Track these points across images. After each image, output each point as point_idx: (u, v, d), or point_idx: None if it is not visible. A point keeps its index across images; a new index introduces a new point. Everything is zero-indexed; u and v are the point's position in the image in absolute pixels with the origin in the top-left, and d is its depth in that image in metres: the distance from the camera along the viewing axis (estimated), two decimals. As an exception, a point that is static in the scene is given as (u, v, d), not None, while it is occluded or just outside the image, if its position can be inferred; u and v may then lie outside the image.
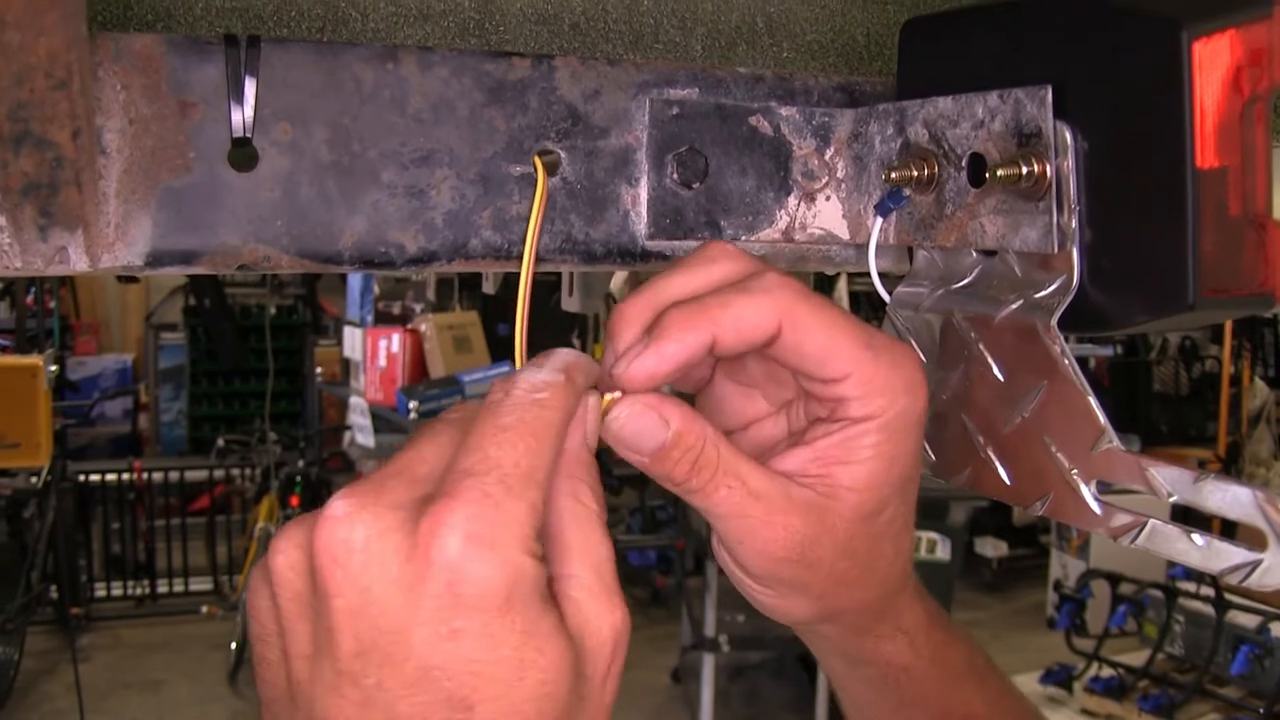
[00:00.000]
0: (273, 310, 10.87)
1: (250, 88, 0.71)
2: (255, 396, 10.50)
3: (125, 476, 8.63)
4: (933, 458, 0.79)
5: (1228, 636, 5.70)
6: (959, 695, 0.85)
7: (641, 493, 9.34)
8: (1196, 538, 0.62)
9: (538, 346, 0.66)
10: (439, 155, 0.75)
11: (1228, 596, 5.78)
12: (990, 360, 0.73)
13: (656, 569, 8.56)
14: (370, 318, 7.98)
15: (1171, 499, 0.63)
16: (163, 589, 8.61)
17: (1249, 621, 5.70)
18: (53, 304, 10.29)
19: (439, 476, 0.58)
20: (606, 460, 9.28)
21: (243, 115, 0.71)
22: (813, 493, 0.69)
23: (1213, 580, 5.95)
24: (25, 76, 0.62)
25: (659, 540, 8.58)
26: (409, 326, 7.57)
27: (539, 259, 0.78)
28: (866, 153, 0.82)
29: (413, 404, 6.71)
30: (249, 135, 0.71)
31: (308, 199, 0.73)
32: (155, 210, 0.70)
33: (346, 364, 8.09)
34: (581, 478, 0.62)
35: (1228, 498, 0.61)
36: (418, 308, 7.97)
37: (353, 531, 0.55)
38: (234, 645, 7.19)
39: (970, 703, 0.86)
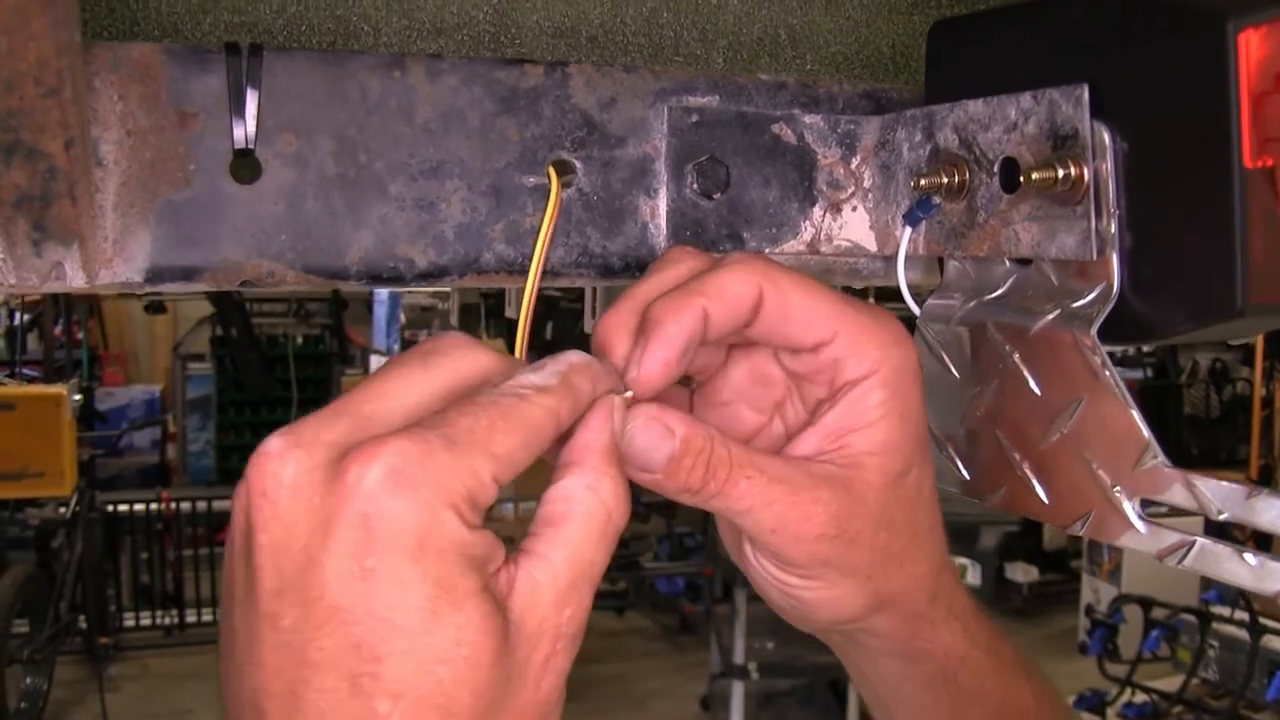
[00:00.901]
0: (299, 340, 10.88)
1: (252, 98, 0.68)
2: (282, 425, 10.50)
3: (153, 506, 8.63)
4: (966, 476, 0.76)
5: (1263, 661, 5.62)
6: (1013, 688, 0.82)
7: (669, 520, 9.30)
8: (1249, 557, 0.59)
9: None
10: (449, 166, 0.73)
11: (1263, 621, 5.70)
12: (1026, 373, 0.70)
13: (685, 596, 8.51)
14: (397, 346, 7.97)
15: (1221, 516, 0.59)
16: (191, 619, 8.59)
17: (1284, 646, 5.63)
18: (81, 335, 10.33)
19: (388, 420, 0.55)
20: (634, 487, 9.22)
21: (245, 126, 0.68)
22: (833, 466, 0.67)
23: (1247, 604, 5.88)
24: (14, 83, 0.59)
25: (687, 567, 8.54)
26: (435, 354, 7.56)
27: (554, 274, 0.75)
28: (894, 161, 0.79)
29: (439, 432, 6.69)
30: (251, 147, 0.68)
31: (313, 212, 0.70)
32: (155, 224, 0.68)
33: (373, 392, 8.09)
34: (607, 474, 0.59)
35: (1283, 514, 0.58)
36: (444, 336, 7.95)
37: (283, 467, 0.53)
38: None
39: (1023, 696, 0.83)
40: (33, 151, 0.62)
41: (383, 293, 8.17)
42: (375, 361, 7.93)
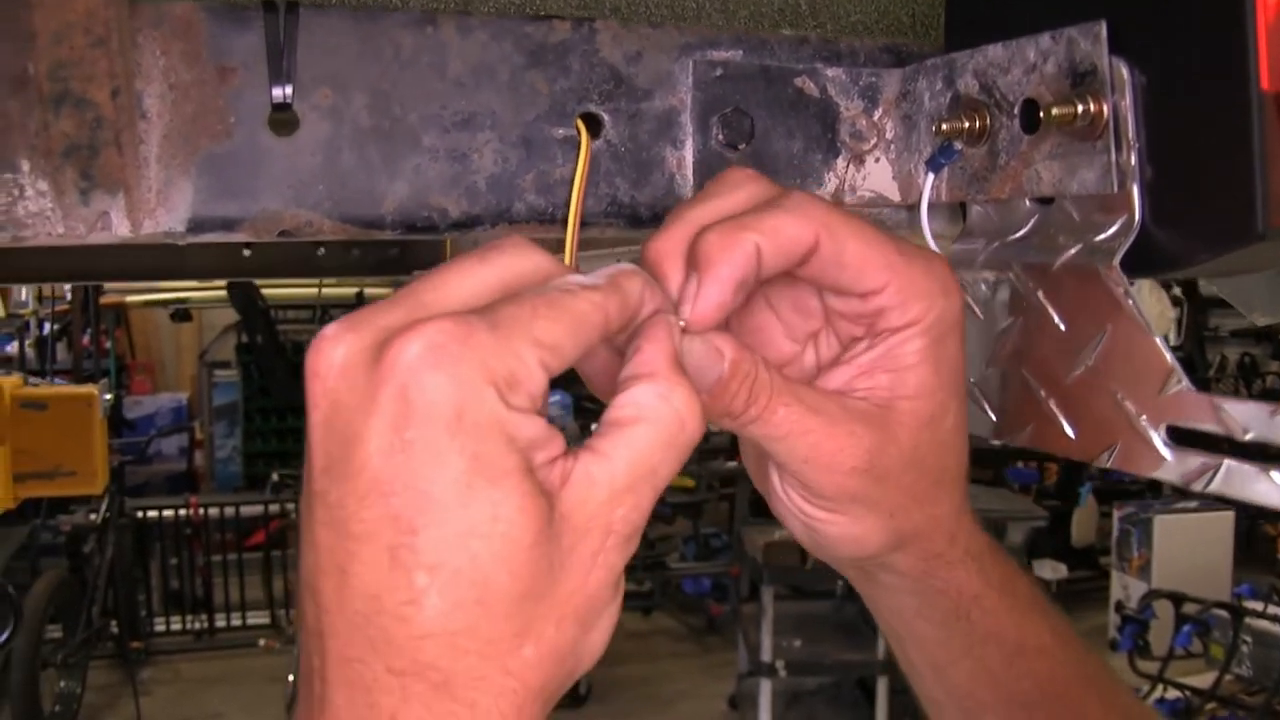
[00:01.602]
0: (325, 346, 10.90)
1: (289, 54, 0.70)
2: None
3: (182, 512, 8.68)
4: (993, 418, 0.77)
5: (1298, 656, 5.59)
6: (1030, 627, 0.83)
7: (695, 521, 9.30)
8: (1276, 475, 0.60)
9: None
10: (480, 119, 0.74)
11: (1297, 614, 5.67)
12: (1050, 310, 0.71)
13: (711, 597, 8.51)
14: (421, 350, 7.98)
15: (1248, 436, 0.60)
16: (220, 623, 8.64)
17: (1319, 640, 5.59)
18: (108, 344, 10.39)
19: (441, 308, 0.56)
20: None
21: (282, 81, 0.70)
22: (869, 404, 0.68)
23: (1280, 599, 5.85)
24: (64, 34, 0.61)
25: (713, 568, 8.54)
26: (460, 357, 7.57)
27: (584, 224, 0.76)
28: (916, 111, 0.80)
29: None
30: (289, 101, 0.70)
31: (349, 164, 0.72)
32: (196, 176, 0.69)
33: (399, 397, 8.10)
34: (680, 384, 0.58)
35: (1309, 429, 0.59)
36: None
37: (334, 349, 0.54)
38: (291, 677, 7.18)
39: (1041, 635, 0.83)
40: (81, 101, 0.64)
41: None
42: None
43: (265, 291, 9.65)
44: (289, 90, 0.70)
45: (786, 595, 6.80)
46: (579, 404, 8.43)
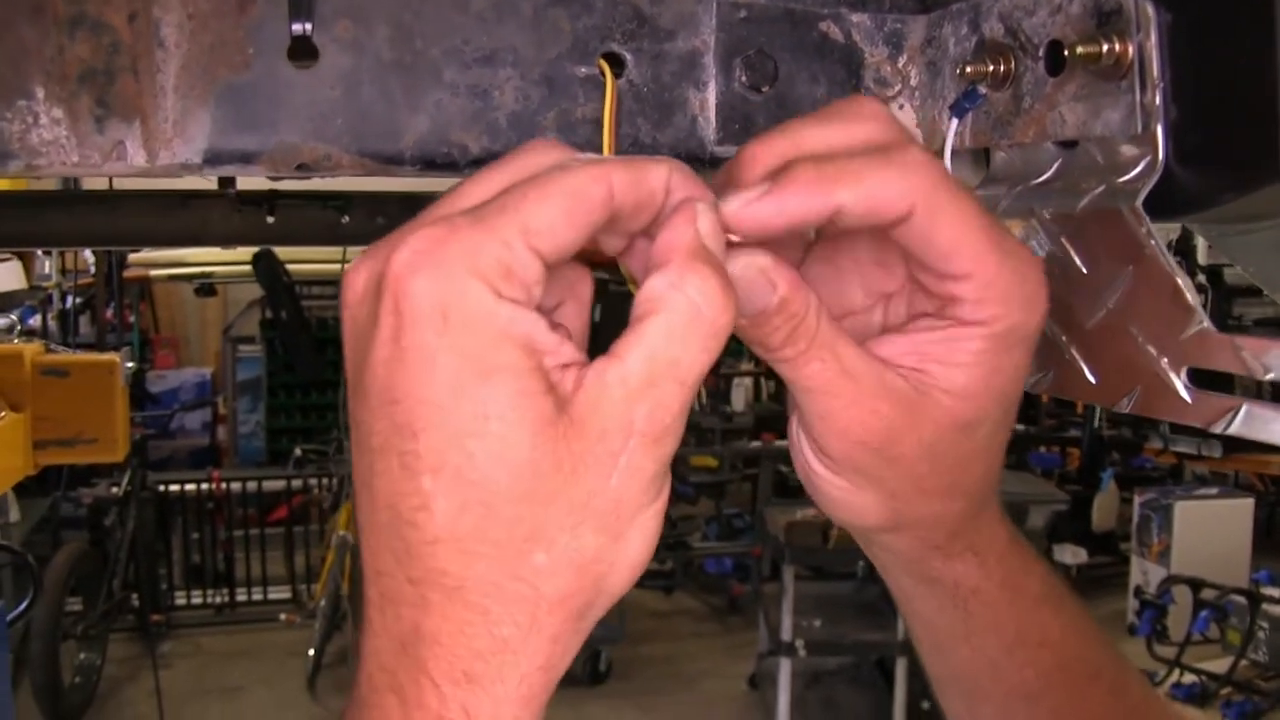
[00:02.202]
0: (348, 323, 10.93)
1: (310, -16, 0.70)
2: (332, 408, 10.56)
3: (204, 487, 8.72)
4: (1013, 366, 0.76)
5: (1314, 643, 5.57)
6: (1033, 620, 0.81)
7: (718, 502, 9.31)
8: (1296, 415, 0.59)
9: (613, 332, 0.58)
10: (502, 55, 0.74)
11: (1314, 602, 5.65)
12: (1073, 253, 0.70)
13: (733, 576, 8.52)
14: (444, 327, 7.98)
15: (1269, 376, 0.60)
16: (242, 597, 8.68)
17: (1335, 627, 5.57)
18: (132, 318, 10.43)
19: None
20: (682, 469, 9.27)
21: (303, 13, 0.70)
22: (907, 384, 0.65)
23: (1299, 586, 5.83)
24: (81, -44, 0.61)
25: (735, 548, 8.55)
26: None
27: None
28: (940, 56, 0.80)
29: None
30: (309, 32, 0.70)
31: (369, 97, 0.72)
32: (214, 107, 0.69)
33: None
34: (693, 269, 0.55)
35: (1331, 366, 0.58)
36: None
37: (356, 276, 0.55)
38: (311, 652, 7.22)
39: (1046, 628, 0.81)
40: (97, 24, 0.63)
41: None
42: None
43: (290, 266, 9.68)
44: (310, 21, 0.70)
45: (808, 575, 6.80)
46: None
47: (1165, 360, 0.65)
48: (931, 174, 0.61)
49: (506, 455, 0.52)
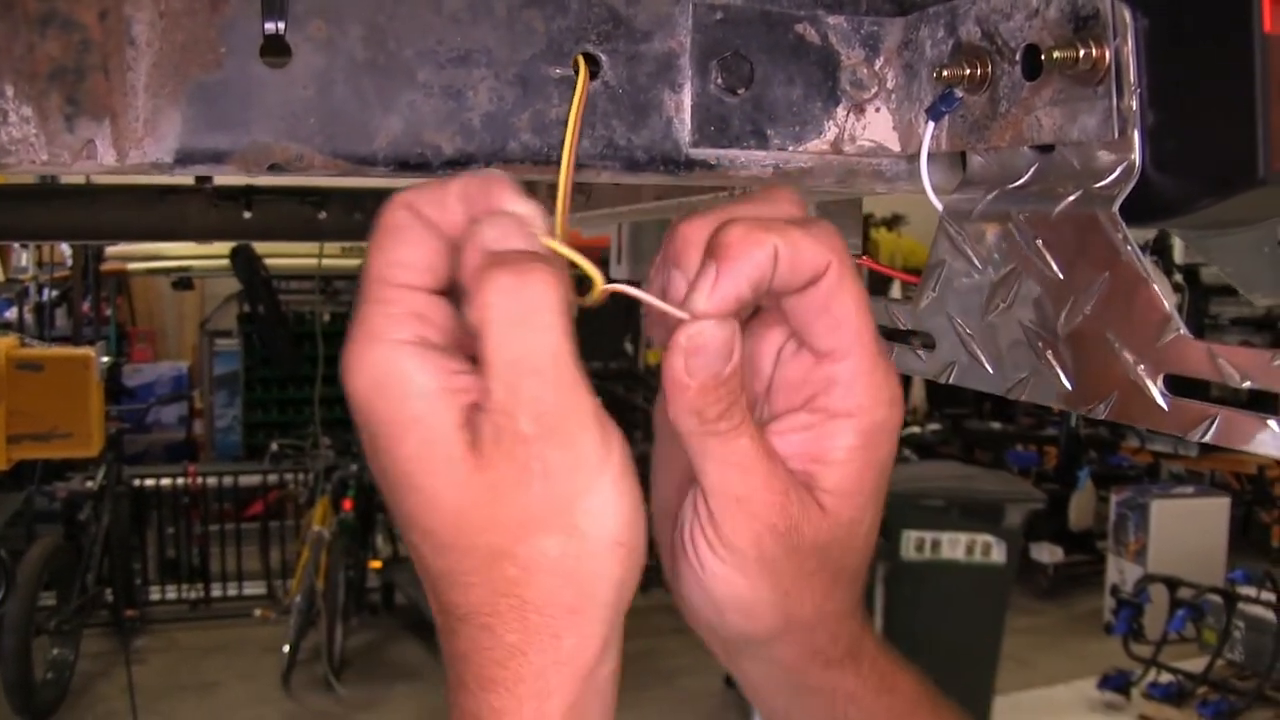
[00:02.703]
0: (327, 317, 10.91)
1: (283, -17, 0.69)
2: (309, 402, 10.56)
3: (180, 481, 8.70)
4: (990, 371, 0.76)
5: (1289, 642, 5.59)
6: None
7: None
8: (1274, 424, 0.59)
9: (589, 351, 0.61)
10: (476, 56, 0.73)
11: (1289, 601, 5.68)
12: (1049, 258, 0.70)
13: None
14: (422, 323, 7.95)
15: (1246, 384, 0.59)
16: (216, 593, 8.66)
17: (1310, 626, 5.60)
18: (109, 312, 10.39)
19: None
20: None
21: (275, 12, 0.69)
22: (798, 480, 0.68)
23: (1274, 584, 5.85)
24: (51, -47, 0.60)
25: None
26: (461, 330, 7.54)
27: (580, 165, 0.75)
28: (917, 60, 0.79)
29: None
30: (282, 31, 0.69)
31: (342, 97, 0.71)
32: (185, 106, 0.68)
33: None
34: (487, 284, 0.59)
35: (1308, 375, 0.58)
36: (469, 312, 7.92)
37: None
38: (286, 648, 7.20)
39: None
40: (68, 22, 0.63)
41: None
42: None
43: (268, 261, 9.65)
44: (283, 20, 0.69)
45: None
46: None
47: (1142, 367, 0.65)
48: (843, 245, 0.66)
49: (436, 502, 0.60)
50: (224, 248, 9.06)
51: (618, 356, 9.81)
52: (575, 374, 0.60)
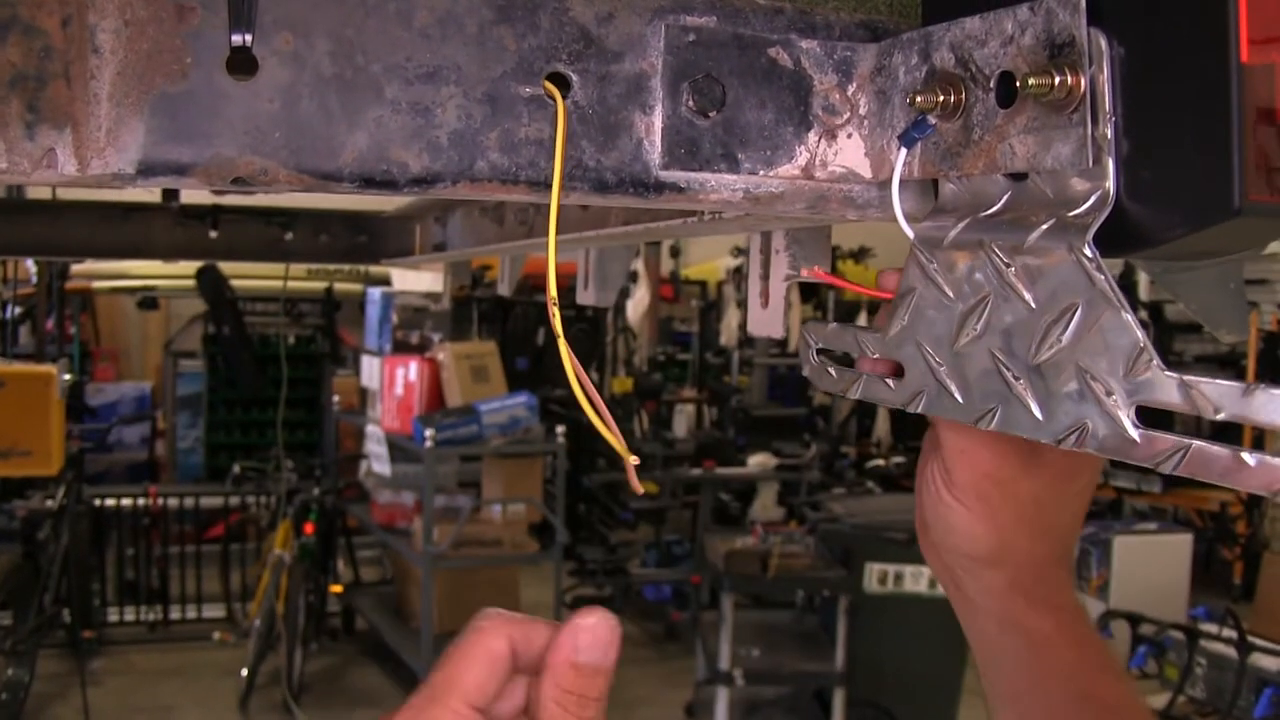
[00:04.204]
0: (291, 339, 10.87)
1: (251, -6, 0.68)
2: (273, 425, 10.51)
3: (141, 502, 8.61)
4: (960, 400, 0.75)
5: (1250, 679, 5.60)
6: (1100, 680, 0.93)
7: (658, 528, 9.29)
8: (1245, 456, 0.58)
9: (556, 379, 0.64)
10: (445, 72, 0.72)
11: (1251, 638, 5.69)
12: (1021, 287, 0.70)
13: (672, 604, 8.49)
14: (388, 347, 7.93)
15: (1219, 415, 0.59)
16: (175, 615, 8.57)
17: (1272, 664, 5.61)
18: (73, 330, 10.31)
19: None
20: (622, 495, 9.25)
21: (243, 23, 0.68)
22: (1026, 444, 0.82)
23: (1235, 622, 5.87)
24: (12, -43, 0.59)
25: (674, 575, 8.53)
26: (426, 356, 7.53)
27: (547, 186, 0.75)
28: (890, 86, 0.79)
29: (429, 432, 6.68)
30: (249, 44, 0.68)
31: (308, 111, 0.70)
32: (149, 116, 0.67)
33: (364, 393, 8.06)
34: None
35: (1281, 406, 0.57)
36: (436, 337, 7.92)
37: None
38: (245, 672, 7.13)
39: (1106, 693, 0.93)
40: (29, 28, 0.61)
41: (375, 293, 8.15)
42: (367, 362, 7.91)
43: (235, 282, 9.61)
44: (250, 32, 0.68)
45: (746, 604, 6.79)
46: (545, 406, 8.38)
47: (1113, 398, 0.64)
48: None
49: None
50: (190, 267, 9.03)
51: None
52: None
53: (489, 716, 0.70)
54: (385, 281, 8.77)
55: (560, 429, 7.23)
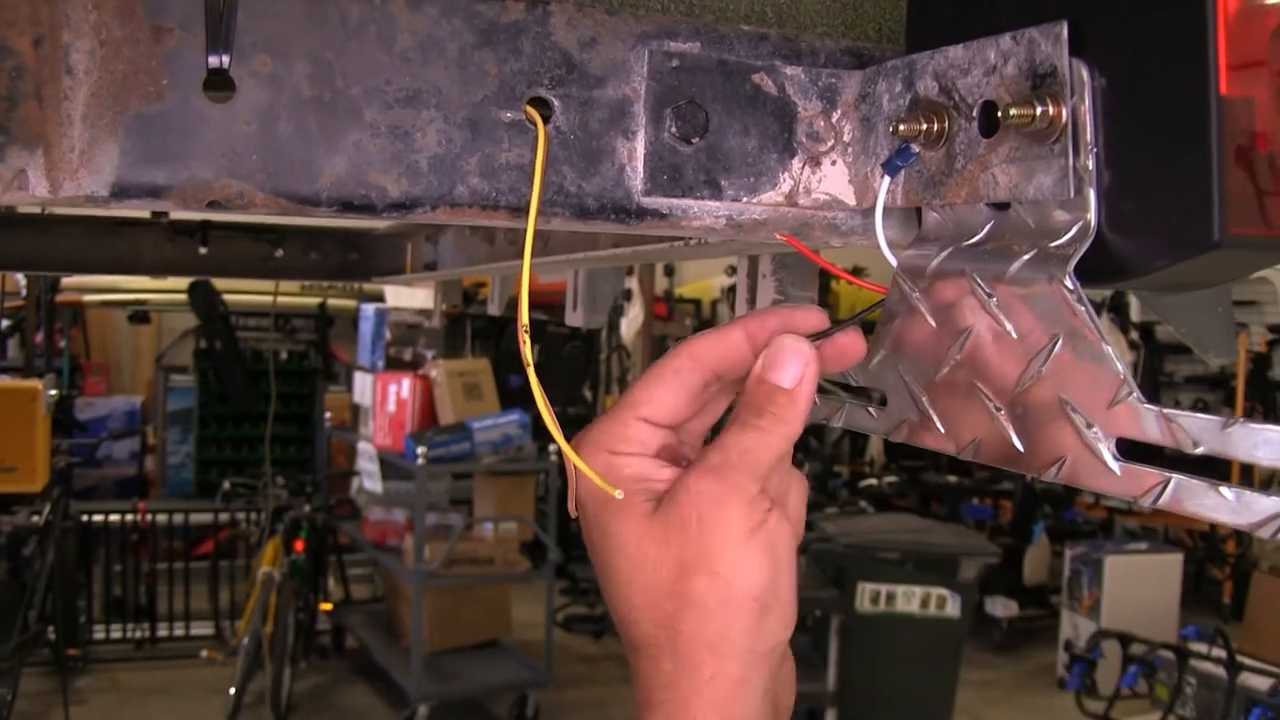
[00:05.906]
0: (283, 355, 10.84)
1: (229, 16, 0.67)
2: (263, 441, 10.50)
3: (129, 518, 8.57)
4: (941, 430, 0.75)
5: (1240, 699, 5.61)
6: None
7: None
8: (1226, 491, 0.58)
9: (550, 396, 0.76)
10: (426, 96, 0.72)
11: (1240, 658, 5.69)
12: (1002, 317, 0.69)
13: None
14: (381, 363, 7.92)
15: (1198, 450, 0.58)
16: (163, 632, 8.52)
17: (1261, 684, 5.62)
18: (63, 343, 10.27)
19: None
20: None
21: (220, 45, 0.67)
22: None
23: (1224, 642, 5.87)
24: (-16, -22, 0.59)
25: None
26: (419, 372, 7.52)
27: (527, 211, 0.74)
28: (874, 113, 0.79)
29: (421, 450, 6.66)
30: (226, 65, 0.67)
31: (286, 134, 0.69)
32: (124, 138, 0.66)
33: (357, 410, 8.04)
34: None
35: (1260, 441, 0.57)
36: (429, 354, 7.90)
37: None
38: (233, 690, 7.09)
39: None
40: (0, 48, 0.61)
41: (369, 309, 8.14)
42: (359, 377, 7.90)
43: (227, 297, 9.58)
44: (227, 54, 0.67)
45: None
46: (537, 424, 8.37)
47: (1094, 430, 0.64)
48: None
49: (622, 547, 0.73)
50: (182, 282, 9.00)
51: (576, 402, 9.80)
52: (765, 470, 0.72)
53: (682, 430, 0.77)
54: (379, 297, 8.75)
55: (553, 447, 7.21)
